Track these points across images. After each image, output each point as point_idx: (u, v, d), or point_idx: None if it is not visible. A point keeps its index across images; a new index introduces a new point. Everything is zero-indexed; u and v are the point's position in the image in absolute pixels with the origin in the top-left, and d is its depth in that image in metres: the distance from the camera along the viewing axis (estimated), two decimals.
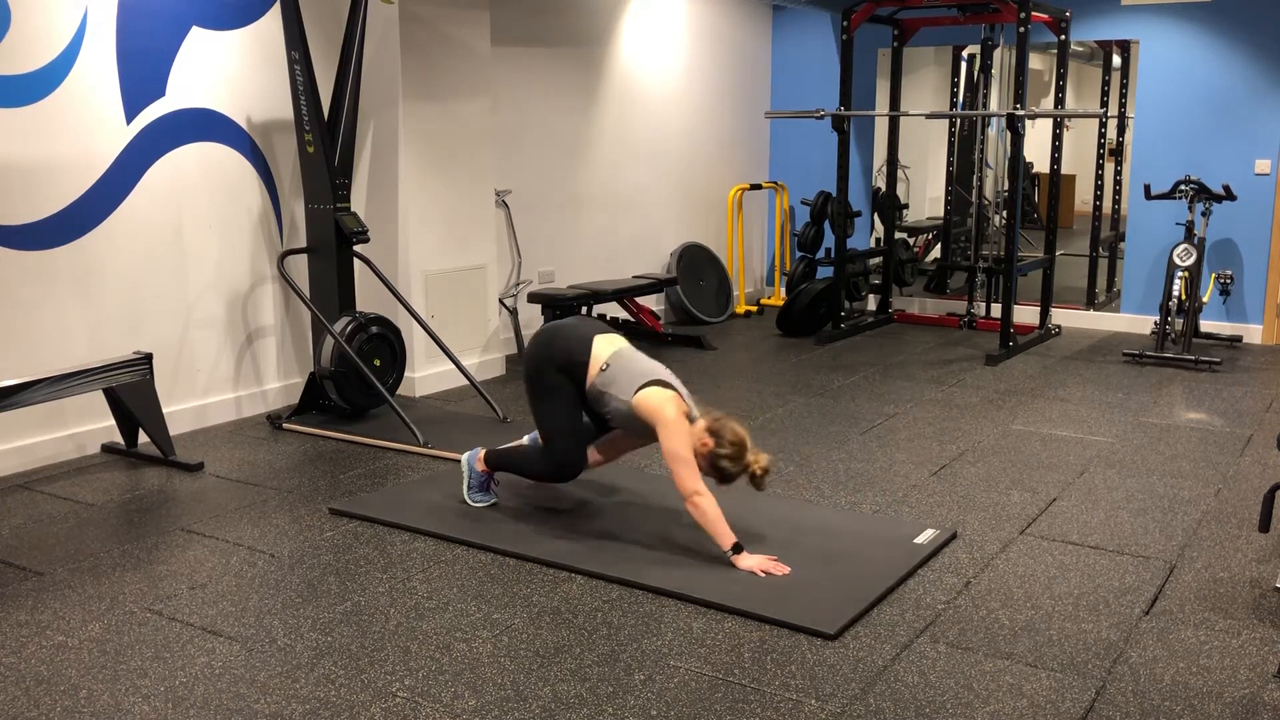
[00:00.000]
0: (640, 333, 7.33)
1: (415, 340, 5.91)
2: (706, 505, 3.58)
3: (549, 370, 3.87)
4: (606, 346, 3.86)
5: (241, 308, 5.52)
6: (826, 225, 8.33)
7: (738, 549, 3.59)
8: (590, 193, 7.50)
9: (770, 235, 9.25)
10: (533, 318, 7.06)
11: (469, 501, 4.18)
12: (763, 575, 3.52)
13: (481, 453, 4.18)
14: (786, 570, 3.55)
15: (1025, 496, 4.39)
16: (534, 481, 4.45)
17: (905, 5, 7.38)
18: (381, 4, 5.57)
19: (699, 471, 3.61)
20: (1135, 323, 7.88)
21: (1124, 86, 8.21)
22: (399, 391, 5.66)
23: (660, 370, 3.83)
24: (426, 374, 6.04)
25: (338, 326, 5.28)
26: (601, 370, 3.80)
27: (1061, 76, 7.46)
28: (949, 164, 8.78)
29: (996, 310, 8.03)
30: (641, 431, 3.82)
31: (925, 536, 3.88)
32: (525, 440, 4.33)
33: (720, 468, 3.63)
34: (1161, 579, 3.59)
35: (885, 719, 2.75)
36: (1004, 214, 7.81)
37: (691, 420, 3.70)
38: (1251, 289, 7.48)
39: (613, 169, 7.66)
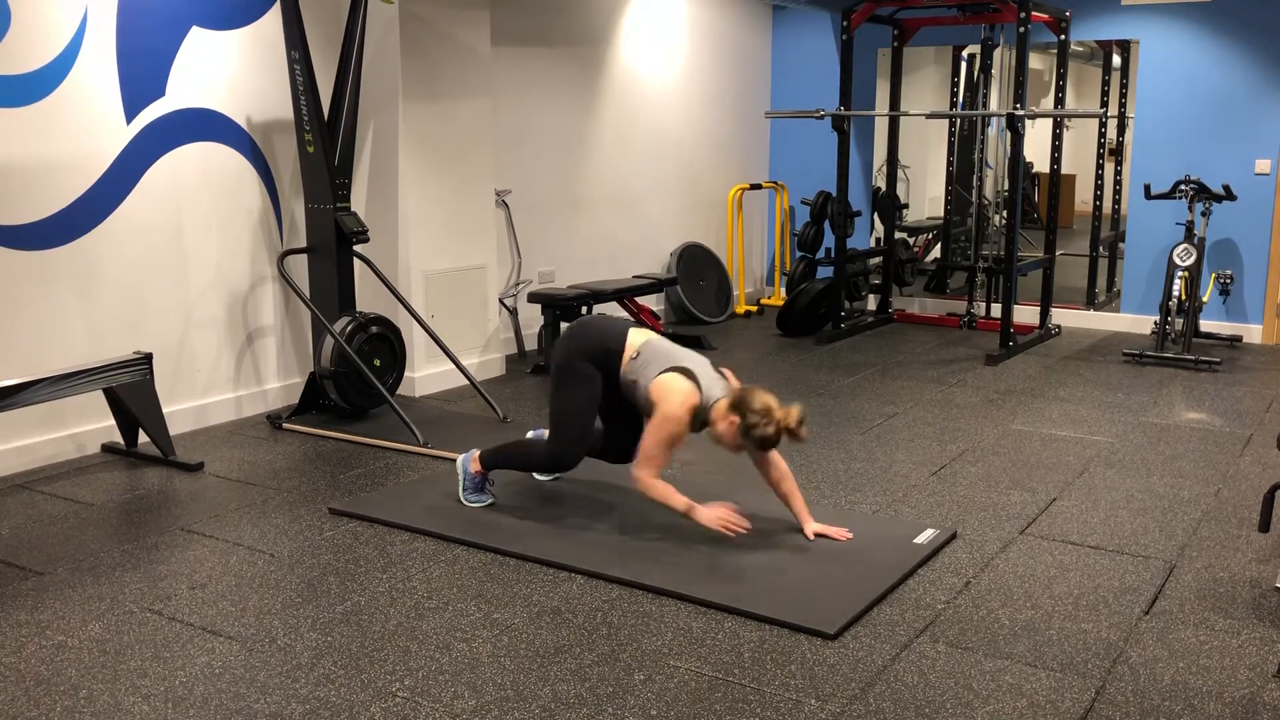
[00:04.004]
0: None
1: (415, 340, 5.90)
2: (651, 482, 3.69)
3: (579, 359, 3.88)
4: (639, 336, 3.89)
5: (241, 308, 5.52)
6: (826, 225, 8.32)
7: (692, 509, 3.66)
8: (590, 193, 7.50)
9: (770, 235, 9.25)
10: (533, 317, 7.06)
11: (465, 503, 4.18)
12: (726, 532, 3.63)
13: (476, 454, 4.19)
14: (747, 524, 3.66)
15: (1025, 496, 4.39)
16: (532, 473, 4.46)
17: (905, 5, 7.38)
18: (381, 4, 5.57)
19: (660, 467, 3.69)
20: (1135, 323, 7.87)
21: (1124, 86, 8.21)
22: (399, 391, 5.65)
23: (689, 357, 3.80)
24: (426, 374, 6.04)
25: (338, 326, 5.28)
26: (633, 358, 3.81)
27: (1061, 76, 7.46)
28: (949, 164, 8.78)
29: (996, 310, 8.02)
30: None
31: (925, 536, 3.88)
32: (530, 435, 4.35)
33: (756, 435, 3.58)
34: (1161, 579, 3.59)
35: (885, 719, 2.75)
36: (1004, 214, 7.81)
37: (709, 406, 3.67)
38: (1251, 289, 7.48)
39: (613, 169, 7.65)
